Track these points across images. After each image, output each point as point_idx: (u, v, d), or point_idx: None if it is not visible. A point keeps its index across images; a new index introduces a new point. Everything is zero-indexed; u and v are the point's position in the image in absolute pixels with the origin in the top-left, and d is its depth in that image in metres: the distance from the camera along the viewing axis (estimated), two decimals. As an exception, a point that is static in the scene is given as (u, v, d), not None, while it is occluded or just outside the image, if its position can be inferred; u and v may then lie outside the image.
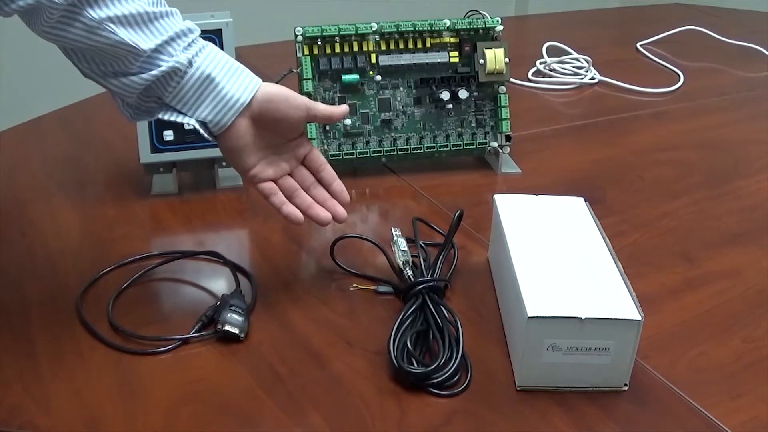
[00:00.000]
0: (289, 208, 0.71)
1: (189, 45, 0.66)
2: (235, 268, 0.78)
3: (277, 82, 1.04)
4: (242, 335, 0.69)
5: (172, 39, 0.65)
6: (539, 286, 0.65)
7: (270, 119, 0.69)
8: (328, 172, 0.73)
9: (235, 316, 0.69)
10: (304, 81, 0.96)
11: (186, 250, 0.81)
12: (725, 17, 1.83)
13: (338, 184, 0.73)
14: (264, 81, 0.70)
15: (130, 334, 0.69)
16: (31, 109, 1.22)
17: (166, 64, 0.65)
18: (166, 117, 0.68)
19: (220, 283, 0.77)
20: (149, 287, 0.77)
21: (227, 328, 0.68)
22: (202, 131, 0.68)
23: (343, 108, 0.73)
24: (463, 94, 0.99)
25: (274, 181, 0.71)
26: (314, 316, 0.73)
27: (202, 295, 0.76)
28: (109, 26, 0.62)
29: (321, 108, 0.71)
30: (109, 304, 0.73)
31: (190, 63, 0.66)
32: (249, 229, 0.89)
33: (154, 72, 0.65)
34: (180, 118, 0.68)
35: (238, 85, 0.67)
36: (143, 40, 0.64)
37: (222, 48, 0.90)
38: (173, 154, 0.92)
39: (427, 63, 1.00)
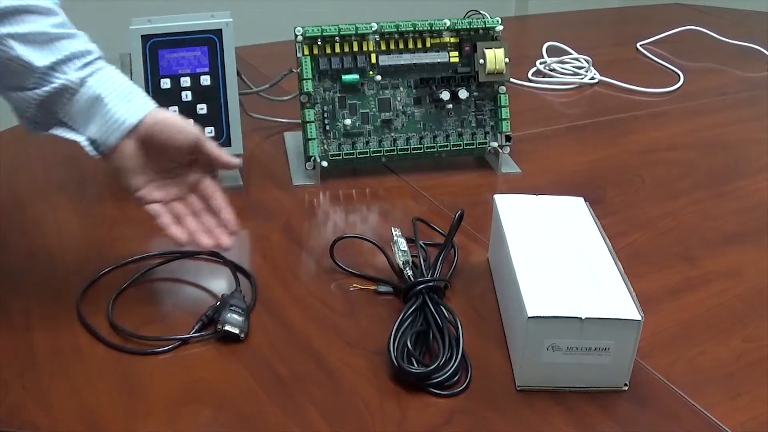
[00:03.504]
0: (174, 231, 0.71)
1: (85, 65, 0.69)
2: (235, 268, 0.78)
3: (277, 82, 1.06)
4: (242, 335, 0.69)
5: (68, 59, 0.68)
6: (539, 286, 0.65)
7: (157, 143, 0.70)
8: (219, 200, 0.73)
9: (235, 316, 0.69)
10: (304, 81, 0.96)
11: (186, 250, 0.81)
12: (725, 17, 1.83)
13: (226, 213, 0.73)
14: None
15: (130, 334, 0.69)
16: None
17: (58, 81, 0.68)
18: (58, 133, 0.71)
19: (220, 283, 0.77)
20: (149, 287, 0.77)
21: (227, 328, 0.68)
22: (91, 149, 0.70)
23: (236, 161, 0.74)
24: (463, 94, 0.99)
25: (165, 203, 0.72)
26: (314, 316, 0.73)
27: (202, 295, 0.76)
28: (7, 42, 0.65)
29: (211, 145, 0.72)
30: (109, 304, 0.73)
31: (82, 82, 0.68)
32: (249, 229, 0.89)
33: (46, 88, 0.68)
34: (71, 135, 0.70)
35: (128, 107, 0.69)
36: (39, 57, 0.67)
37: (222, 48, 0.90)
38: (173, 154, 0.92)
39: (427, 63, 1.00)
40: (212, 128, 0.92)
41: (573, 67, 1.41)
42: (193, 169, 0.73)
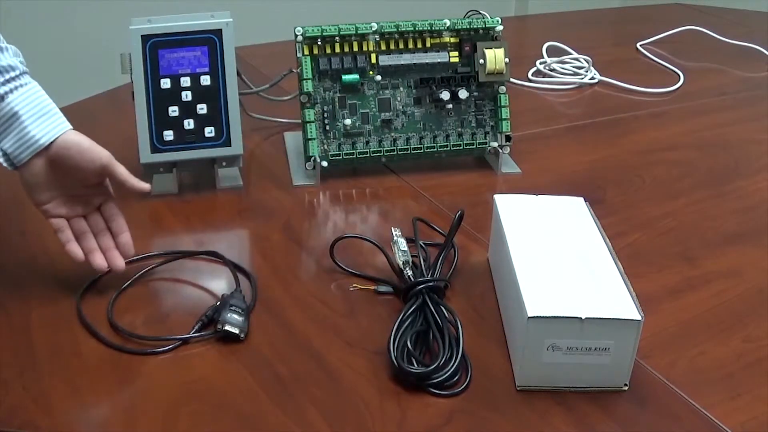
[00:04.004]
0: (72, 247, 0.74)
1: (7, 81, 0.71)
2: (235, 268, 0.78)
3: (277, 82, 1.06)
4: (242, 335, 0.69)
5: None
6: (539, 286, 0.65)
7: (65, 165, 0.72)
8: (119, 224, 0.76)
9: (235, 316, 0.69)
10: (304, 81, 0.96)
11: (186, 250, 0.81)
12: (725, 17, 1.83)
13: (124, 236, 0.76)
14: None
15: (130, 334, 0.69)
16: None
17: None
18: None
19: (220, 283, 0.77)
20: (149, 287, 0.77)
21: (227, 328, 0.68)
22: (2, 160, 0.72)
23: (145, 186, 0.76)
24: (463, 94, 0.99)
25: (69, 218, 0.74)
26: (314, 316, 0.73)
27: (202, 295, 0.76)
28: None
29: (120, 170, 0.74)
30: (109, 304, 0.73)
31: (2, 98, 0.70)
32: (249, 229, 0.89)
33: None
34: None
35: (42, 127, 0.71)
36: None
37: (222, 48, 0.90)
38: (173, 154, 0.92)
39: (427, 63, 1.00)
40: (212, 128, 0.92)
41: (573, 67, 1.41)
42: (99, 191, 0.75)
